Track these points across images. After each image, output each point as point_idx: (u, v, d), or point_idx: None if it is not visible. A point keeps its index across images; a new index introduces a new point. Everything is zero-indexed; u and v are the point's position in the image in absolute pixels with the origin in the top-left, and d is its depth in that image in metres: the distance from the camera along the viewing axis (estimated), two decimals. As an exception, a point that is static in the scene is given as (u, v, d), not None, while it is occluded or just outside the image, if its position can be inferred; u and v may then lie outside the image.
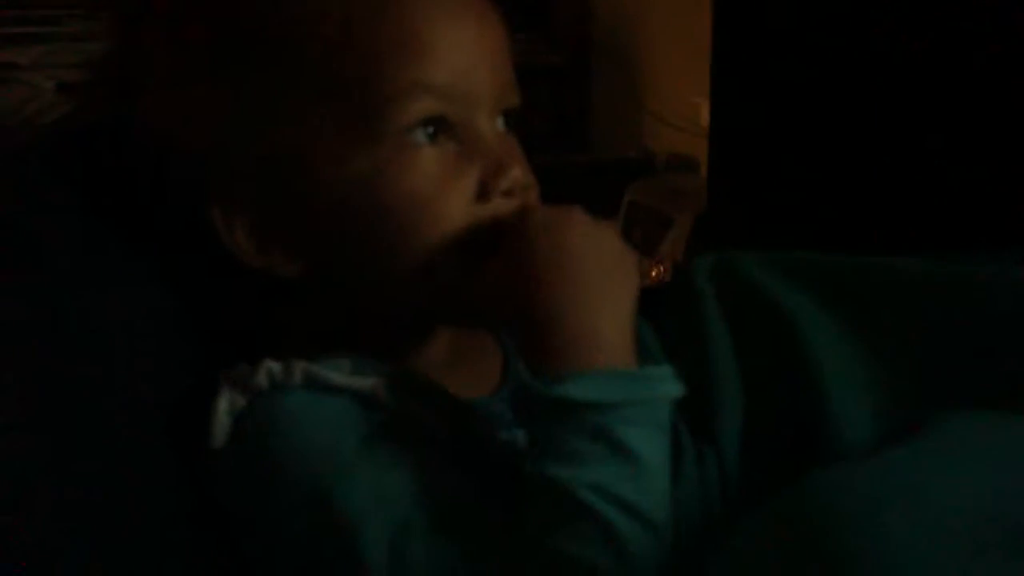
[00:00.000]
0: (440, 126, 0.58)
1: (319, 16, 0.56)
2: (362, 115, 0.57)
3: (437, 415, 0.58)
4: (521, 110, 0.63)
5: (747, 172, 1.48)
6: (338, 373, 0.57)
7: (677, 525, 0.53)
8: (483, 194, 0.58)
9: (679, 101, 2.07)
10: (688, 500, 0.56)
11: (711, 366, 0.65)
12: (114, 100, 0.62)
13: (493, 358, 0.67)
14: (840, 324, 0.62)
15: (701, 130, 1.77)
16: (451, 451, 0.57)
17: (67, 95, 1.26)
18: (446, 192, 0.57)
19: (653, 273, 1.82)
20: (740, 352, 0.65)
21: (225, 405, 0.56)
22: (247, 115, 0.57)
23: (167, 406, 0.60)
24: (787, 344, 0.62)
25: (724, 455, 0.62)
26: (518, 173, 0.59)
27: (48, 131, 0.76)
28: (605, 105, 2.36)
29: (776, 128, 1.43)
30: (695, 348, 0.65)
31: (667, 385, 0.54)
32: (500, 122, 0.61)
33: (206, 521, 0.58)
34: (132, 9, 0.61)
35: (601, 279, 0.55)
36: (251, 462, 0.55)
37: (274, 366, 0.56)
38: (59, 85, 1.30)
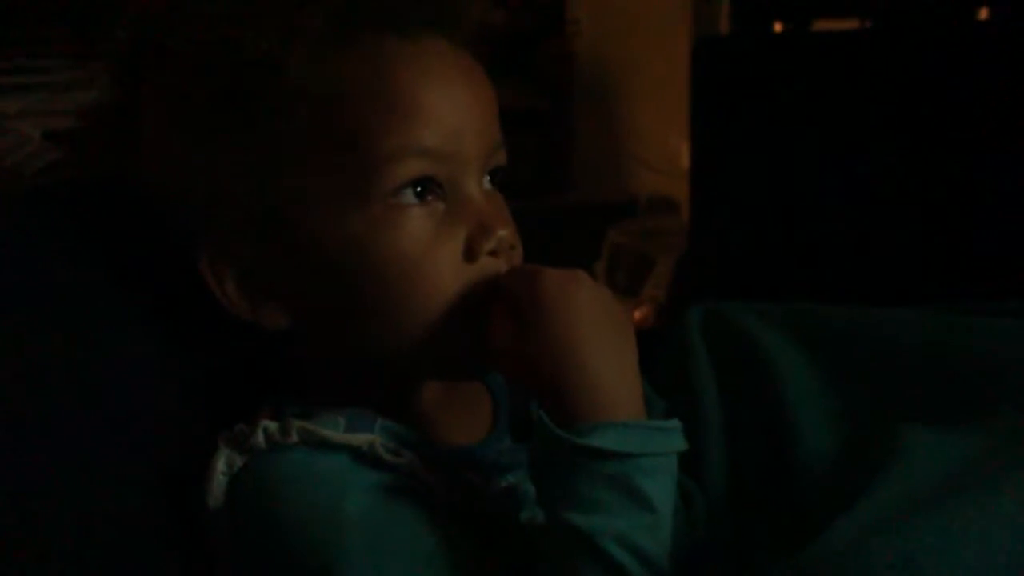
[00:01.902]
0: (428, 186, 0.58)
1: (313, 79, 0.57)
2: (353, 176, 0.57)
3: (434, 467, 0.59)
4: (506, 158, 0.64)
5: (728, 213, 1.50)
6: (334, 430, 0.57)
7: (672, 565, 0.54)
8: (470, 254, 0.59)
9: (660, 144, 2.10)
10: (678, 539, 0.57)
11: (699, 416, 0.67)
12: (108, 151, 0.63)
13: (483, 403, 0.67)
14: (808, 355, 0.69)
15: (682, 172, 1.79)
16: (449, 503, 0.58)
17: (54, 144, 1.26)
18: (434, 252, 0.58)
19: (637, 315, 1.83)
20: (724, 396, 0.68)
21: (222, 466, 0.57)
22: (240, 171, 0.58)
23: (162, 465, 0.60)
24: (761, 371, 0.68)
25: (710, 494, 0.64)
26: (504, 234, 0.60)
27: (41, 185, 0.76)
28: (588, 149, 2.38)
29: (755, 169, 1.45)
30: (685, 398, 0.68)
31: (678, 437, 0.55)
32: (487, 181, 0.62)
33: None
34: (129, 62, 0.62)
35: (612, 336, 0.57)
36: (250, 523, 0.56)
37: (271, 425, 0.57)
38: (46, 133, 1.30)
